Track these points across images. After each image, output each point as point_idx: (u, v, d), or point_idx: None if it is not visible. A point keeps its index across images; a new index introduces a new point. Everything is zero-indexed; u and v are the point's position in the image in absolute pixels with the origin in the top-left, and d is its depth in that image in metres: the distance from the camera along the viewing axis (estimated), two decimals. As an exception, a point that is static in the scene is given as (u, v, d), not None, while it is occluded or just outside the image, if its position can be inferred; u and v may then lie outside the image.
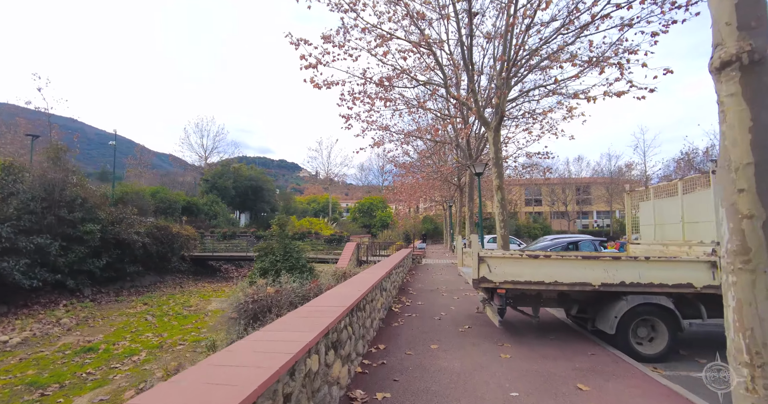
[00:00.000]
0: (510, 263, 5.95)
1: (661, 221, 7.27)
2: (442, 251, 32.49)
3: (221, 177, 37.55)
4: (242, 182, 39.04)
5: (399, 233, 44.87)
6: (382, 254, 23.18)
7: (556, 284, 5.86)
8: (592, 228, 75.20)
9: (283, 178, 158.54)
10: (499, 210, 11.32)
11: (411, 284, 12.01)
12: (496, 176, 11.39)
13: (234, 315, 6.89)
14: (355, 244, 18.90)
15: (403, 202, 44.69)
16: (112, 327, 11.47)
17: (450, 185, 31.89)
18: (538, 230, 59.57)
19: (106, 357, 8.55)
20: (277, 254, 10.76)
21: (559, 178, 66.97)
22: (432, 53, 12.47)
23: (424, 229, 54.32)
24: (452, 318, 7.62)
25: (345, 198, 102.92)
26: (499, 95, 10.53)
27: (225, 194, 37.24)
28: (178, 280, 20.19)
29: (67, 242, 14.78)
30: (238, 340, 2.90)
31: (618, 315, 5.72)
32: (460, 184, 26.94)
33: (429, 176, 21.24)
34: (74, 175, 15.85)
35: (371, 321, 5.95)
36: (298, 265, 10.91)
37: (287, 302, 6.94)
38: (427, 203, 54.29)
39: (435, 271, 15.99)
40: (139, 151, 60.78)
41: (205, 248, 23.16)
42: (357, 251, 19.49)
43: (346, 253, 18.12)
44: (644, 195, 7.86)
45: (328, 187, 64.92)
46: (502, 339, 6.18)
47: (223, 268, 24.54)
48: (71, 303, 13.88)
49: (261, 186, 40.54)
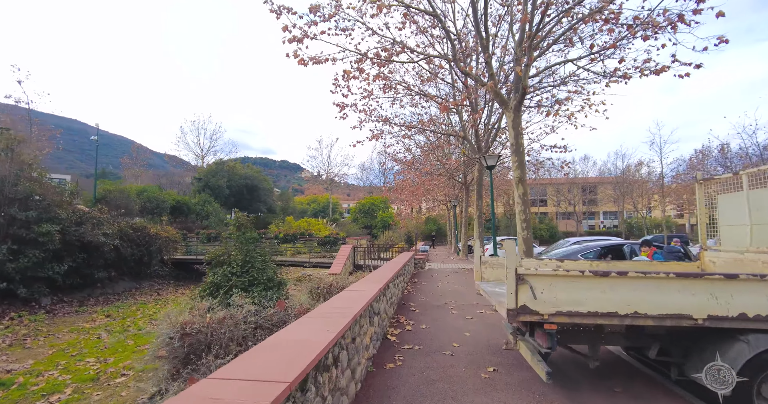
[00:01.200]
0: (566, 285, 3.86)
1: (762, 220, 5.16)
2: (446, 254, 30.36)
3: (214, 176, 35.58)
4: (237, 181, 37.07)
5: (401, 234, 42.80)
6: (382, 257, 21.11)
7: (636, 316, 3.77)
8: (598, 229, 73.00)
9: (285, 179, 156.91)
10: (521, 208, 9.23)
11: (413, 297, 9.95)
12: (517, 166, 9.30)
13: (162, 353, 4.81)
14: (351, 247, 16.85)
15: (405, 202, 42.66)
16: (52, 348, 9.45)
17: (455, 183, 29.81)
18: (545, 232, 57.38)
19: (16, 397, 6.54)
20: (234, 265, 8.66)
21: (565, 177, 64.69)
22: (439, 21, 10.40)
23: (427, 230, 52.23)
24: (468, 351, 5.55)
25: (347, 199, 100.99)
26: (522, 64, 8.44)
27: (218, 193, 35.27)
28: (156, 286, 18.16)
29: (18, 245, 12.80)
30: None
31: (736, 365, 3.64)
32: (466, 181, 24.85)
33: (432, 170, 19.19)
34: (32, 169, 13.90)
35: (352, 373, 3.88)
36: (262, 279, 8.80)
37: (238, 335, 4.88)
38: (429, 203, 52.23)
39: (440, 278, 13.91)
40: (136, 150, 58.96)
41: (190, 251, 21.14)
42: (353, 254, 17.43)
43: (340, 257, 16.06)
44: (729, 184, 5.75)
45: (328, 187, 62.90)
46: (547, 393, 4.11)
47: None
48: (19, 316, 11.88)
49: (257, 185, 38.53)
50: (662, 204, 40.16)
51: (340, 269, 14.89)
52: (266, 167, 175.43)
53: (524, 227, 9.12)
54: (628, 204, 54.47)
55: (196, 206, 32.17)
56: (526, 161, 21.36)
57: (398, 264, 10.41)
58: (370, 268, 15.90)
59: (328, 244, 19.66)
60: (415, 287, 11.64)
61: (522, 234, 9.21)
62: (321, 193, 78.84)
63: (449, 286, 11.72)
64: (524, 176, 9.39)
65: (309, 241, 20.52)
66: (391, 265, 10.35)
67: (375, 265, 17.02)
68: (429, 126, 18.71)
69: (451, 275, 14.94)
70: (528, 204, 9.29)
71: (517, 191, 9.30)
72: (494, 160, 13.12)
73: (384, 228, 51.56)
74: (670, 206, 47.77)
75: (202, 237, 20.64)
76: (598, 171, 68.83)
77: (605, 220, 76.75)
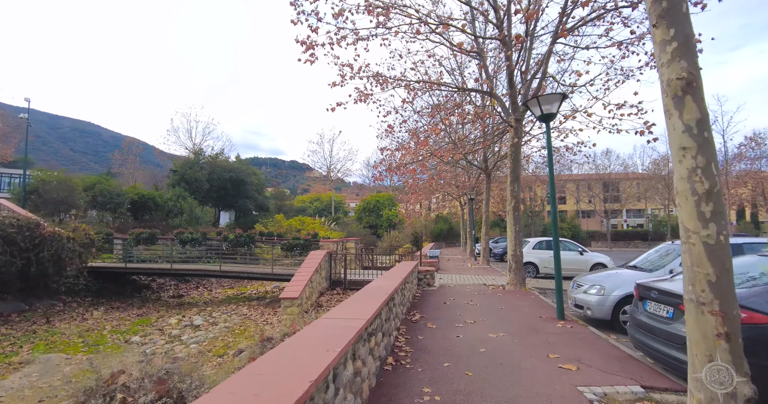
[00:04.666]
0: None
1: None
2: (461, 259, 24.32)
3: (191, 167, 30.14)
4: (219, 174, 31.58)
5: (407, 234, 36.85)
6: (378, 267, 15.26)
7: None
8: (620, 229, 66.13)
9: (294, 179, 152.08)
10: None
11: (409, 377, 4.07)
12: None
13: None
14: (325, 254, 11.05)
15: (411, 203, 36.71)
16: None
17: (470, 171, 23.78)
18: (566, 231, 50.92)
19: None
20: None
21: (584, 174, 57.80)
22: None
23: (437, 230, 46.20)
24: None
25: (356, 198, 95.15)
26: None
27: (197, 187, 29.83)
28: (60, 307, 12.61)
29: None
30: None
31: None
32: (487, 166, 18.86)
33: (448, 153, 13.13)
34: None
35: None
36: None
37: None
38: (440, 200, 46.20)
39: (462, 310, 8.02)
40: (127, 145, 54.16)
41: (132, 257, 15.57)
42: (330, 264, 11.61)
43: (304, 270, 10.23)
44: None
45: (327, 183, 57.24)
46: None
47: (159, 284, 16.94)
48: None
49: (243, 179, 32.98)
50: (732, 200, 33.29)
51: (298, 292, 9.08)
52: (276, 167, 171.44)
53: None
54: (655, 202, 47.66)
55: (168, 202, 26.76)
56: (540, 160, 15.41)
57: (386, 293, 4.58)
58: (357, 287, 10.15)
59: (297, 248, 13.93)
60: (416, 336, 5.77)
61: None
62: (326, 192, 73.44)
63: (481, 331, 5.89)
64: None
65: (276, 244, 14.72)
66: (370, 305, 4.51)
67: (363, 280, 11.21)
68: (438, 81, 12.83)
69: (477, 298, 9.05)
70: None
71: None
72: (555, 102, 7.17)
73: (390, 227, 45.68)
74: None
75: (130, 238, 15.04)
76: (621, 166, 61.43)
77: (628, 218, 69.75)
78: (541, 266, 14.48)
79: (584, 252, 14.42)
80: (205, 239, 15.10)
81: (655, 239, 48.90)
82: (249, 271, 13.33)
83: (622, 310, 6.75)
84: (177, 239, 14.65)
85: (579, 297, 7.31)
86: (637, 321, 4.82)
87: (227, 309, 12.62)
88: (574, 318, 7.24)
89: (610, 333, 6.62)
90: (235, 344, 8.49)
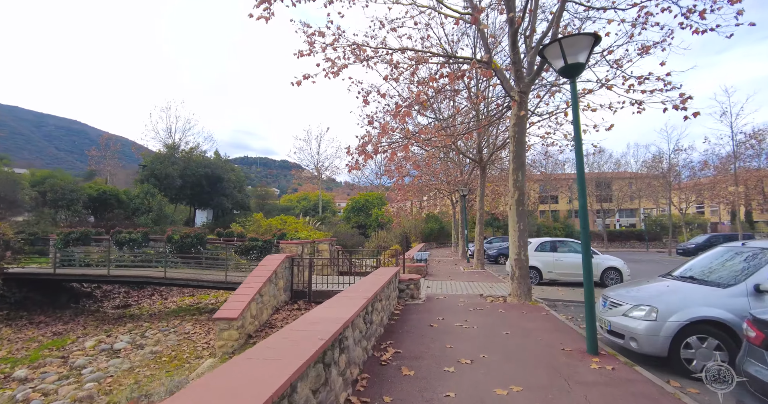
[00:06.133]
0: None
1: None
2: (452, 261, 22.18)
3: (162, 162, 27.59)
4: (194, 170, 29.06)
5: (396, 234, 34.64)
6: (357, 272, 12.97)
7: None
8: (613, 228, 64.73)
9: (285, 178, 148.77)
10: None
11: None
12: None
13: None
14: (282, 259, 8.74)
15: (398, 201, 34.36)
16: None
17: (462, 165, 21.68)
18: (560, 231, 49.29)
19: None
20: None
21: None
22: None
23: (427, 229, 44.07)
24: None
25: (347, 198, 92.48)
26: None
27: (168, 184, 27.28)
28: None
29: None
30: None
31: None
32: (482, 158, 16.72)
33: (436, 132, 10.88)
34: None
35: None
36: None
37: None
38: (431, 198, 44.08)
39: (451, 332, 5.86)
40: (105, 142, 51.18)
41: (73, 261, 13.11)
42: (291, 272, 9.31)
43: (253, 280, 7.92)
44: None
45: (317, 182, 54.83)
46: None
47: (105, 291, 14.50)
48: None
49: (220, 176, 30.47)
50: (737, 198, 31.65)
51: (239, 310, 6.79)
52: (266, 166, 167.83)
53: None
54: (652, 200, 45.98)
55: (135, 199, 24.21)
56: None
57: (311, 348, 2.37)
58: (330, 293, 7.96)
59: (254, 251, 11.59)
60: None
61: None
62: (315, 191, 71.00)
63: (498, 402, 3.74)
64: None
65: (228, 245, 12.38)
66: (291, 349, 2.26)
67: (331, 291, 8.97)
68: (426, 50, 10.65)
69: (474, 316, 6.87)
70: None
71: None
72: (583, 47, 5.01)
73: (379, 227, 43.45)
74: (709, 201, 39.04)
75: (58, 239, 12.57)
76: (614, 165, 59.86)
77: (621, 218, 68.44)
78: (544, 270, 12.38)
79: (594, 255, 12.34)
80: (147, 240, 12.70)
81: (652, 239, 47.32)
82: (199, 278, 10.98)
83: (684, 343, 4.61)
84: (113, 239, 12.24)
85: (616, 322, 5.17)
86: (762, 385, 2.68)
87: (169, 324, 10.29)
88: (610, 350, 5.09)
89: (667, 375, 4.50)
90: (148, 381, 6.19)
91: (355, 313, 3.65)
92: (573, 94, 5.35)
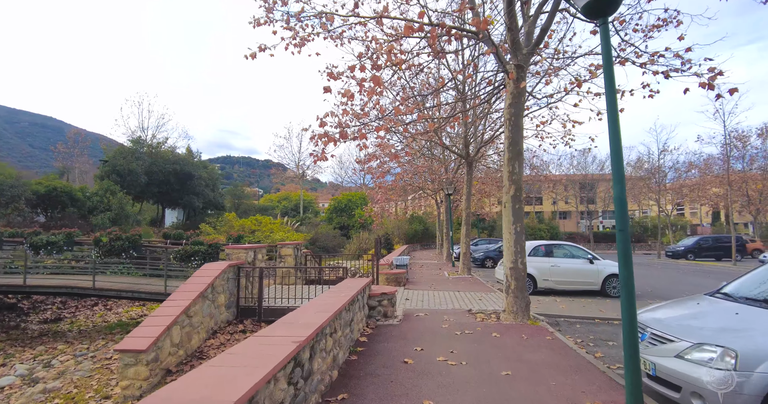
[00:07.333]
0: None
1: None
2: (435, 265, 20.61)
3: (125, 158, 25.27)
4: (161, 167, 26.78)
5: (378, 235, 32.94)
6: (326, 281, 11.17)
7: None
8: (596, 230, 64.38)
9: (268, 178, 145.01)
10: None
11: None
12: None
13: None
14: (223, 269, 6.92)
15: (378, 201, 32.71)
16: None
17: (448, 162, 20.14)
18: (545, 232, 48.52)
19: None
20: None
21: (563, 174, 55.46)
22: None
23: (411, 230, 42.53)
24: None
25: (332, 199, 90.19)
26: None
27: (132, 181, 24.98)
28: None
29: None
30: None
31: None
32: (468, 153, 15.17)
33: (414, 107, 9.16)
34: None
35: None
36: None
37: None
38: (416, 199, 42.45)
39: (432, 373, 4.20)
40: (73, 137, 48.12)
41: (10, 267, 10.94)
42: (237, 284, 7.51)
43: (179, 297, 6.10)
44: None
45: (299, 181, 52.74)
46: None
47: (34, 302, 12.38)
48: None
49: (191, 173, 28.24)
50: (720, 199, 30.94)
51: (150, 339, 4.99)
52: (249, 166, 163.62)
53: None
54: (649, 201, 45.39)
55: (93, 197, 21.91)
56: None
57: None
58: (278, 315, 6.27)
59: (197, 257, 9.75)
60: None
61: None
62: (298, 190, 68.74)
63: None
64: None
65: (164, 250, 10.48)
66: None
67: (285, 308, 7.21)
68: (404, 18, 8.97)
69: (461, 344, 5.23)
70: None
71: None
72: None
73: (362, 228, 41.67)
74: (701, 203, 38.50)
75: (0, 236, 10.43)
76: (598, 166, 59.47)
77: (604, 220, 68.19)
78: (539, 278, 10.84)
79: (594, 260, 10.88)
80: (72, 243, 10.69)
81: (636, 241, 46.74)
82: (135, 289, 9.08)
83: (778, 405, 3.03)
84: (27, 242, 10.22)
85: (667, 366, 3.58)
86: None
87: (92, 346, 8.36)
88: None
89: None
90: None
91: (263, 378, 1.94)
92: (604, 42, 3.75)
